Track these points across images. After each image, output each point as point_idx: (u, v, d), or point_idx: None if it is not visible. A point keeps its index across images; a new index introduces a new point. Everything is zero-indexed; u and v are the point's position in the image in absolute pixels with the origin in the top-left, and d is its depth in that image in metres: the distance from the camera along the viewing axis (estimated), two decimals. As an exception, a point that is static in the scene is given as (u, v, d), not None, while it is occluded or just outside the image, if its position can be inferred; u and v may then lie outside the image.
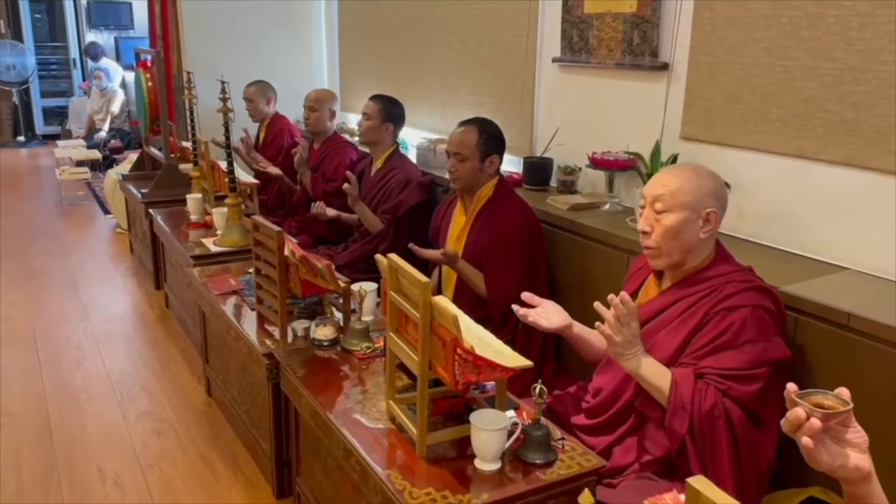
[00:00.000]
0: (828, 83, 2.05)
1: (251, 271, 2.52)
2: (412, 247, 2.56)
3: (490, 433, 1.53)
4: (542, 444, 1.59)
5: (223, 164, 3.19)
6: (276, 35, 5.26)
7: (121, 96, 8.30)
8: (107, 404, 2.92)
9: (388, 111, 3.39)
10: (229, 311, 2.50)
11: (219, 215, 3.29)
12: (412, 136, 4.03)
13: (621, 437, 1.84)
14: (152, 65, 4.71)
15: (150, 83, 4.83)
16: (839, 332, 1.77)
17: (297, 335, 2.22)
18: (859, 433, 1.02)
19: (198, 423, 2.78)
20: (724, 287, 1.72)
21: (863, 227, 2.03)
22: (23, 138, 9.27)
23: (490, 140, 2.62)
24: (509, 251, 2.54)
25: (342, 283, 2.25)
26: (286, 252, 2.21)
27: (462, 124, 2.68)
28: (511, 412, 1.67)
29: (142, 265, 4.52)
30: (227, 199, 3.15)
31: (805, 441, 0.97)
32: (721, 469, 1.63)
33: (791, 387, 1.02)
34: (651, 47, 2.61)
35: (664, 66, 2.58)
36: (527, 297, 1.96)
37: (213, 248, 3.14)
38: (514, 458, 1.59)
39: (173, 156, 4.39)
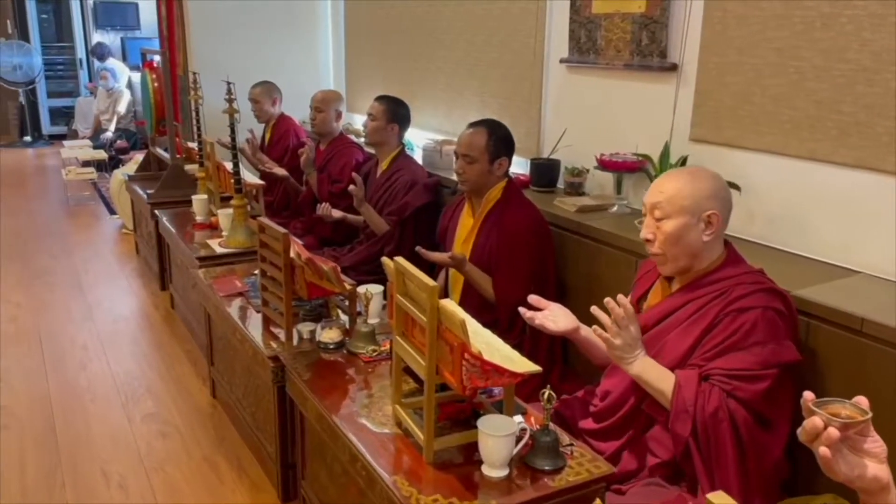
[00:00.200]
0: (841, 84, 2.03)
1: (257, 273, 2.51)
2: (419, 250, 2.54)
3: (498, 439, 1.51)
4: (551, 451, 1.58)
5: (229, 165, 3.18)
6: (282, 36, 5.25)
7: (127, 96, 8.30)
8: (111, 406, 2.91)
9: (394, 112, 3.37)
10: (234, 312, 2.49)
11: (224, 216, 3.28)
12: (418, 137, 4.01)
13: (630, 442, 1.82)
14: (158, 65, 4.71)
15: (155, 84, 4.83)
16: (852, 338, 1.74)
17: (302, 338, 2.21)
18: (878, 443, 0.99)
19: (203, 425, 2.77)
20: (734, 289, 1.71)
21: (876, 231, 2.00)
22: (29, 138, 9.29)
23: (499, 142, 2.60)
24: (518, 255, 2.51)
25: (348, 286, 2.24)
26: (292, 254, 2.20)
27: (471, 126, 2.66)
28: (519, 417, 1.65)
29: (147, 266, 4.51)
30: (232, 200, 3.14)
31: (823, 451, 0.95)
32: (726, 472, 1.61)
33: (808, 395, 0.99)
34: (660, 48, 2.58)
35: (673, 67, 2.55)
36: (533, 299, 1.94)
37: (219, 250, 3.13)
38: (522, 464, 1.57)
39: (179, 156, 4.39)
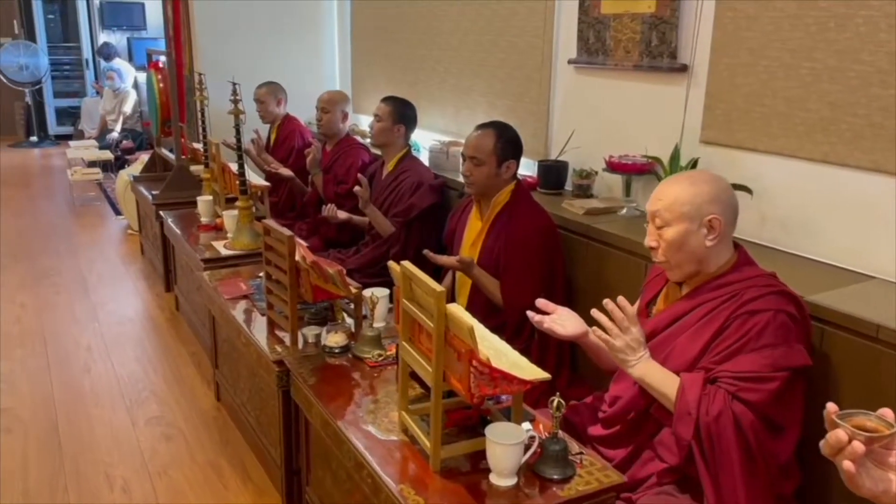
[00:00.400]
0: (855, 86, 1.99)
1: (262, 275, 2.48)
2: (427, 253, 2.51)
3: (506, 447, 1.48)
4: (560, 459, 1.54)
5: (234, 166, 3.16)
6: (288, 36, 5.23)
7: (133, 97, 8.30)
8: (115, 408, 2.89)
9: (400, 113, 3.34)
10: (239, 315, 2.46)
11: (229, 218, 3.26)
12: (424, 139, 3.99)
13: (639, 448, 1.79)
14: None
15: (161, 84, 4.82)
16: (868, 344, 1.71)
17: (307, 341, 2.19)
18: (903, 456, 0.96)
19: (207, 428, 2.75)
20: (746, 291, 1.68)
21: (890, 235, 1.96)
22: (35, 138, 9.31)
23: (507, 145, 2.56)
24: (526, 258, 2.48)
25: (353, 289, 2.21)
26: (297, 257, 2.17)
27: (479, 128, 2.62)
28: (527, 424, 1.62)
29: (152, 267, 4.50)
30: (237, 202, 3.12)
31: (847, 465, 0.92)
32: (731, 478, 1.58)
33: (831, 407, 0.96)
34: (670, 49, 2.55)
35: (683, 68, 2.52)
36: (542, 303, 1.92)
37: (224, 252, 3.11)
38: (531, 472, 1.54)
39: (184, 157, 4.37)
